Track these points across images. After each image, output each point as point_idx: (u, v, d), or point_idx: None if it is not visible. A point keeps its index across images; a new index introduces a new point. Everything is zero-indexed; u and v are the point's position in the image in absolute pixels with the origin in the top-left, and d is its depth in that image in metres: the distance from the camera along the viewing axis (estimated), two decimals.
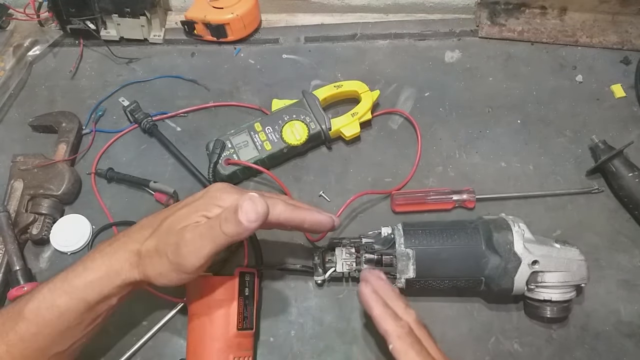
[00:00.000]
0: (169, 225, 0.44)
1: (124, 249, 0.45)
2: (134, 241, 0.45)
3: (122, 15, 0.72)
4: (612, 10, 0.74)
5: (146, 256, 0.44)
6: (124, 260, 0.45)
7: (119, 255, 0.45)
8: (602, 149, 0.61)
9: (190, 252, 0.42)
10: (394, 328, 0.45)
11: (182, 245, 0.42)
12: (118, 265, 0.45)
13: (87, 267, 0.45)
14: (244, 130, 0.64)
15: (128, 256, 0.45)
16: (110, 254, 0.45)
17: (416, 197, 0.61)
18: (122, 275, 0.45)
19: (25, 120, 0.68)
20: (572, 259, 0.51)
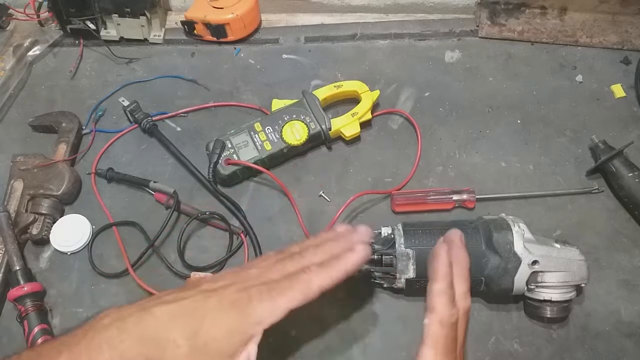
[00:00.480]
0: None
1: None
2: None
3: (122, 15, 0.72)
4: (612, 10, 0.74)
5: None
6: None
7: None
8: (602, 149, 0.61)
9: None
10: (444, 312, 0.41)
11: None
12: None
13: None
14: (244, 130, 0.64)
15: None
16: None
17: (416, 197, 0.61)
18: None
19: (25, 120, 0.69)
20: (572, 259, 0.51)
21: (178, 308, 0.39)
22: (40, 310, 0.56)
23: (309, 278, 0.41)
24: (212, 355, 0.38)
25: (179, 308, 0.39)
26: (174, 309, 0.39)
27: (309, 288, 0.41)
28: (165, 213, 0.62)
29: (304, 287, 0.41)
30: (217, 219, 0.61)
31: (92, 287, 0.59)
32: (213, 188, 0.62)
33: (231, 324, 0.39)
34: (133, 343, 0.37)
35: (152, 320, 0.38)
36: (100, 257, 0.60)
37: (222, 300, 0.39)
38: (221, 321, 0.38)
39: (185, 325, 0.38)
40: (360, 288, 0.58)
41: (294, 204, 0.61)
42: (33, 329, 0.54)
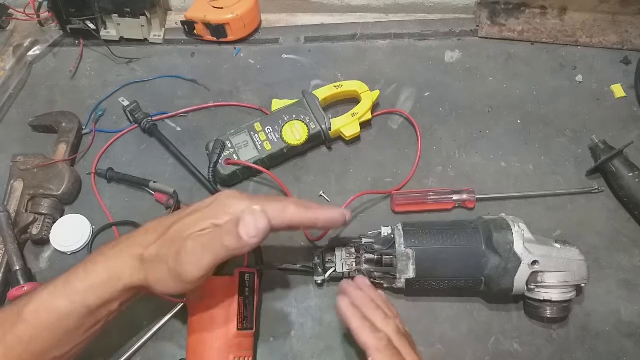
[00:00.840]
0: (174, 232, 0.43)
1: (127, 253, 0.44)
2: (137, 245, 0.44)
3: (122, 15, 0.72)
4: (612, 10, 0.74)
5: (148, 262, 0.43)
6: (126, 265, 0.44)
7: (121, 259, 0.44)
8: (602, 149, 0.61)
9: (191, 262, 0.42)
10: (373, 341, 0.45)
11: (184, 254, 0.42)
12: (120, 269, 0.44)
13: (89, 271, 0.44)
14: (244, 130, 0.64)
15: (130, 261, 0.44)
16: (112, 257, 0.45)
17: (416, 197, 0.61)
18: (123, 280, 0.44)
19: (25, 120, 0.68)
20: (572, 259, 0.51)
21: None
22: None
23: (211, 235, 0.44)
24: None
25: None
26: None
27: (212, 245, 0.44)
28: (165, 213, 0.62)
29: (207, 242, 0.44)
30: None
31: None
32: (213, 188, 0.62)
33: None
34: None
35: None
36: None
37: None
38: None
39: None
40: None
41: None
42: None
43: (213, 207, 0.44)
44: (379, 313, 0.48)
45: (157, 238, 0.44)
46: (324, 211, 0.47)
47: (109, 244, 0.46)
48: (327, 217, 0.47)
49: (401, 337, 0.47)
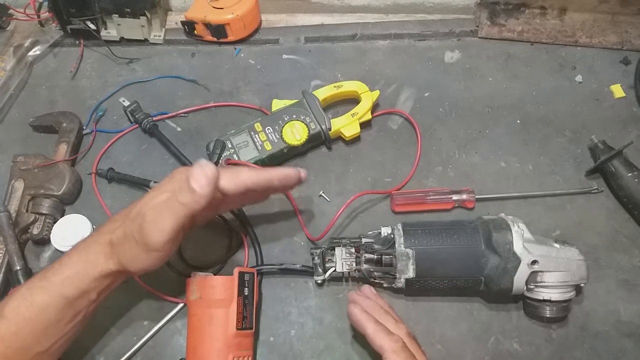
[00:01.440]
0: (136, 211, 0.45)
1: (97, 241, 0.46)
2: (105, 233, 0.46)
3: (123, 15, 0.72)
4: (611, 11, 0.74)
5: (117, 244, 0.45)
6: (98, 252, 0.45)
7: (93, 248, 0.46)
8: (602, 149, 0.62)
9: (153, 228, 0.42)
10: (389, 343, 0.46)
11: (145, 224, 0.43)
12: (93, 258, 0.45)
13: (64, 263, 0.46)
14: (244, 130, 0.64)
15: (101, 248, 0.45)
16: (85, 248, 0.46)
17: (416, 197, 0.62)
18: (97, 267, 0.45)
19: (26, 120, 0.69)
20: (572, 259, 0.51)
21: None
22: None
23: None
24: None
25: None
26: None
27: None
28: None
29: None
30: (217, 219, 0.61)
31: None
32: None
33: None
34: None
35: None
36: None
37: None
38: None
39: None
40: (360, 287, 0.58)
41: (294, 204, 0.61)
42: None
43: (167, 181, 0.46)
44: (389, 318, 0.50)
45: (122, 222, 0.45)
46: (277, 170, 0.49)
47: (82, 240, 0.48)
48: (282, 174, 0.50)
49: (412, 340, 0.48)
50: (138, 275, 0.50)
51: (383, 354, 0.46)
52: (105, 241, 0.46)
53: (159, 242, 0.43)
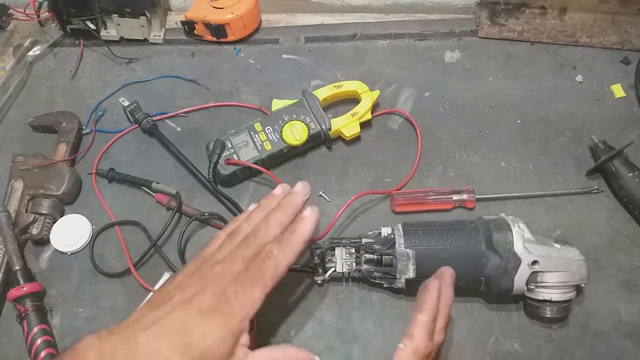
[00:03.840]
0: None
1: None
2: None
3: (122, 15, 0.72)
4: (612, 10, 0.74)
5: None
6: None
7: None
8: (602, 149, 0.61)
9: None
10: (420, 343, 0.43)
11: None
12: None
13: None
14: (244, 130, 0.64)
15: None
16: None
17: (416, 197, 0.61)
18: None
19: (25, 120, 0.69)
20: (572, 259, 0.51)
21: (162, 330, 0.39)
22: (40, 310, 0.56)
23: (275, 263, 0.43)
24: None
25: (162, 330, 0.39)
26: (158, 332, 0.39)
27: (276, 271, 0.43)
28: (165, 213, 0.62)
29: (272, 272, 0.43)
30: (216, 219, 0.61)
31: (92, 287, 0.59)
32: (213, 188, 0.62)
33: (220, 329, 0.39)
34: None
35: (141, 348, 0.38)
36: (100, 257, 0.60)
37: (203, 309, 0.40)
38: (210, 330, 0.39)
39: (175, 345, 0.38)
40: (360, 288, 0.58)
41: None
42: (32, 329, 0.54)
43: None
44: (444, 323, 0.46)
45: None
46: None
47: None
48: (310, 230, 0.46)
49: (437, 353, 0.46)
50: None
51: (406, 341, 0.43)
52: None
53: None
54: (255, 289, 0.42)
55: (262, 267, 0.43)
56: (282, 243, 0.44)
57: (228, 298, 0.40)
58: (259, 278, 0.42)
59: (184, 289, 0.42)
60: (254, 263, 0.43)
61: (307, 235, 0.46)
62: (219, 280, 0.42)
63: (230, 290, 0.41)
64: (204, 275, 0.42)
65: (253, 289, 0.41)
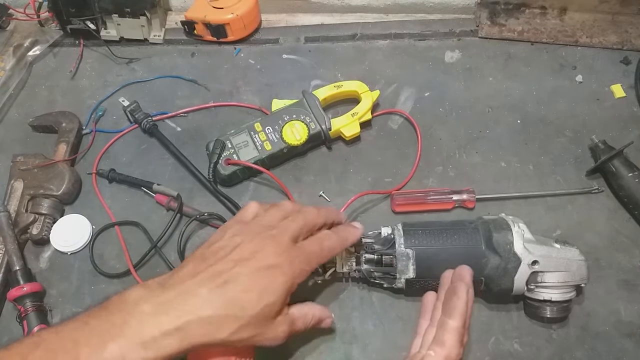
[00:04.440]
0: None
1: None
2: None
3: (122, 15, 0.72)
4: (612, 10, 0.74)
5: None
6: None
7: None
8: (602, 149, 0.61)
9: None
10: (452, 350, 0.43)
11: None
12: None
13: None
14: (244, 130, 0.64)
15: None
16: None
17: (416, 197, 0.61)
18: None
19: (25, 120, 0.68)
20: (572, 259, 0.51)
21: (224, 284, 0.41)
22: (40, 310, 0.56)
23: (329, 247, 0.47)
24: (268, 318, 0.42)
25: (224, 284, 0.41)
26: (220, 286, 0.41)
27: (328, 255, 0.47)
28: (165, 214, 0.62)
29: (327, 253, 0.47)
30: (216, 220, 0.61)
31: (92, 287, 0.59)
32: (213, 188, 0.62)
33: (280, 286, 0.42)
34: (194, 326, 0.39)
35: (202, 302, 0.40)
36: (100, 257, 0.60)
37: (264, 266, 0.42)
38: (271, 286, 0.42)
39: (237, 299, 0.41)
40: (360, 288, 0.58)
41: None
42: (33, 329, 0.54)
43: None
44: (468, 323, 0.47)
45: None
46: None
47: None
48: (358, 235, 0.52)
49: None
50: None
51: (437, 348, 0.43)
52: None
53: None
54: (312, 260, 0.45)
55: (319, 244, 0.46)
56: (338, 233, 0.49)
57: (292, 260, 0.43)
58: (315, 252, 0.46)
59: (241, 246, 0.43)
60: (311, 239, 0.47)
61: (356, 237, 0.51)
62: (280, 242, 0.44)
63: (293, 253, 0.44)
64: (261, 234, 0.44)
65: (310, 260, 0.45)
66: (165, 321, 0.38)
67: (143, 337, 0.38)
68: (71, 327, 0.39)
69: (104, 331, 0.38)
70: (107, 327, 0.38)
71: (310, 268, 0.45)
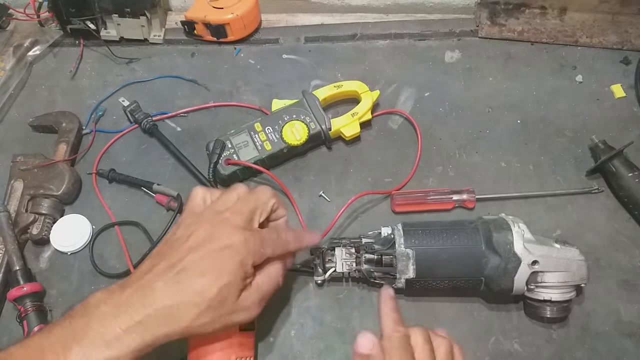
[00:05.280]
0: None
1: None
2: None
3: (122, 15, 0.72)
4: (611, 10, 0.74)
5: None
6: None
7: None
8: (602, 149, 0.61)
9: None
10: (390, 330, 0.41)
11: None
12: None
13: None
14: (244, 130, 0.64)
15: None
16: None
17: (416, 197, 0.61)
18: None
19: (26, 120, 0.68)
20: (572, 259, 0.51)
21: (179, 273, 0.41)
22: (40, 310, 0.56)
23: (285, 240, 0.47)
24: (229, 297, 0.42)
25: (179, 273, 0.41)
26: (175, 276, 0.41)
27: (285, 244, 0.48)
28: (165, 214, 0.62)
29: (282, 245, 0.47)
30: None
31: (92, 287, 0.59)
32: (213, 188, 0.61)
33: (235, 265, 0.42)
34: (153, 319, 0.40)
35: (159, 294, 0.40)
36: (100, 257, 0.60)
37: (217, 248, 0.43)
38: (225, 267, 0.42)
39: (194, 285, 0.41)
40: (360, 288, 0.58)
41: (294, 204, 0.61)
42: (33, 329, 0.54)
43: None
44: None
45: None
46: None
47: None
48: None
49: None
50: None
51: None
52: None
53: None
54: (268, 245, 0.45)
55: (277, 233, 0.47)
56: (296, 233, 0.49)
57: (246, 239, 0.43)
58: (272, 239, 0.46)
59: (194, 234, 0.44)
60: (268, 228, 0.48)
61: (309, 243, 0.51)
62: (232, 223, 0.44)
63: (247, 234, 0.44)
64: (212, 219, 0.45)
65: (265, 243, 0.45)
66: (125, 319, 0.39)
67: (105, 337, 0.38)
68: (37, 337, 0.40)
69: (68, 336, 0.38)
70: (70, 332, 0.39)
71: (265, 252, 0.45)
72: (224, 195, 0.48)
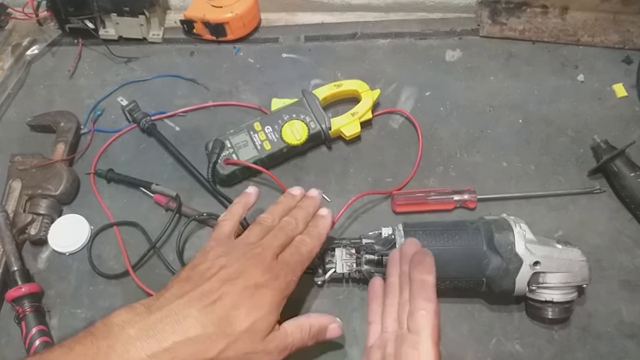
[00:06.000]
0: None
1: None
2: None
3: (121, 14, 0.72)
4: (613, 10, 0.73)
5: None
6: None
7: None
8: (604, 148, 0.61)
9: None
10: (437, 304, 0.43)
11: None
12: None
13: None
14: (243, 129, 0.64)
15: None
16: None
17: (417, 197, 0.61)
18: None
19: (24, 119, 0.68)
20: (574, 260, 0.51)
21: (213, 303, 0.41)
22: (38, 311, 0.55)
23: (308, 250, 0.48)
24: (258, 334, 0.42)
25: (213, 303, 0.41)
26: (209, 306, 0.41)
27: (309, 258, 0.48)
28: (164, 214, 0.62)
29: (307, 258, 0.48)
30: (215, 220, 0.61)
31: (91, 288, 0.58)
32: (212, 188, 0.61)
33: (269, 303, 0.43)
34: (182, 347, 0.39)
35: (192, 322, 0.40)
36: (98, 257, 0.60)
37: (252, 285, 0.43)
38: (260, 303, 0.43)
39: (227, 317, 0.41)
40: (360, 289, 0.57)
41: None
42: (31, 330, 0.54)
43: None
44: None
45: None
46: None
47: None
48: (329, 224, 0.52)
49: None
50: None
51: (427, 304, 0.42)
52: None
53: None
54: (297, 270, 0.47)
55: (299, 252, 0.47)
56: (311, 235, 0.49)
57: (277, 275, 0.44)
58: (298, 261, 0.47)
59: (227, 267, 0.44)
60: (289, 250, 0.47)
61: (327, 229, 0.51)
62: (264, 260, 0.45)
63: (277, 268, 0.45)
64: (245, 254, 0.45)
65: (294, 270, 0.46)
66: (152, 344, 0.38)
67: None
68: (57, 353, 0.38)
69: (90, 357, 0.37)
70: (93, 352, 0.38)
71: (296, 277, 0.46)
72: (254, 227, 0.49)
